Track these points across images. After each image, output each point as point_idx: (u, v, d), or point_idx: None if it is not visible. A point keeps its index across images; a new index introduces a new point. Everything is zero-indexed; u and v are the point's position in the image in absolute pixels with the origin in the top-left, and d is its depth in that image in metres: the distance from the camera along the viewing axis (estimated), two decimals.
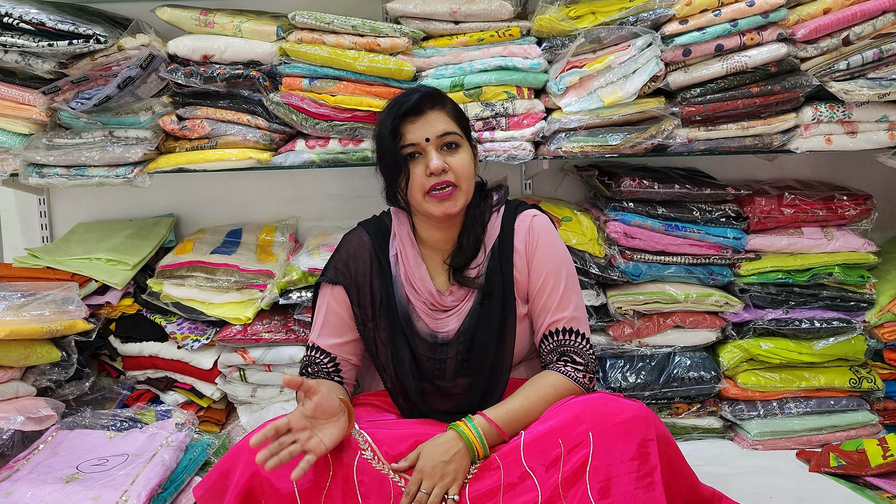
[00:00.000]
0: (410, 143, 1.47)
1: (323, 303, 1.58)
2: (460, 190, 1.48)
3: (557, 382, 1.46)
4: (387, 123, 1.49)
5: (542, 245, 1.54)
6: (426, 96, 1.50)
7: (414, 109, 1.48)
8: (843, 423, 2.04)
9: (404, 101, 1.49)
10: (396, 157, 1.48)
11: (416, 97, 1.49)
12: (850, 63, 1.94)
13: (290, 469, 1.26)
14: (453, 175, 1.47)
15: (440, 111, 1.50)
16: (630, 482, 1.23)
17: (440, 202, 1.47)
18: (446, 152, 1.48)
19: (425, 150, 1.47)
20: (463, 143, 1.51)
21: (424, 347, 1.53)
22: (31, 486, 1.64)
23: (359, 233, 1.63)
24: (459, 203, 1.49)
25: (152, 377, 2.18)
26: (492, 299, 1.52)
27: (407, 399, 1.55)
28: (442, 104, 1.51)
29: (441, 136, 1.47)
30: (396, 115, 1.48)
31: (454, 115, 1.52)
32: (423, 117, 1.48)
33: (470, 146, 1.54)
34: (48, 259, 2.12)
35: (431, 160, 1.45)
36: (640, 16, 1.96)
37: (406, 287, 1.56)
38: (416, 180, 1.48)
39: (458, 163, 1.48)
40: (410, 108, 1.48)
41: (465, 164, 1.49)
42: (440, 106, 1.50)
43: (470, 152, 1.53)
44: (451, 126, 1.49)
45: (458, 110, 1.55)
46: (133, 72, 2.00)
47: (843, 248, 2.09)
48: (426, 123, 1.48)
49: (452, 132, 1.49)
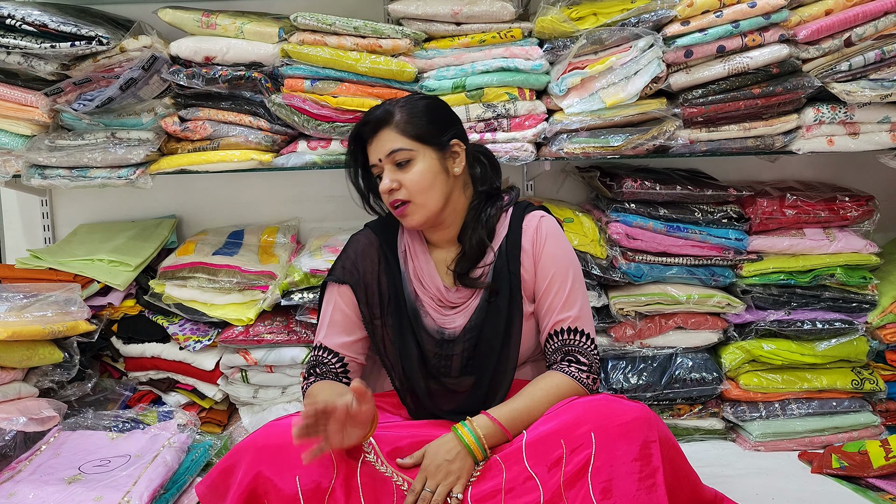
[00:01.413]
0: (373, 165, 1.54)
1: (330, 302, 1.59)
2: (414, 204, 1.51)
3: (561, 383, 1.46)
4: (349, 151, 1.59)
5: (549, 245, 1.55)
6: (375, 120, 1.53)
7: (367, 132, 1.54)
8: (846, 424, 2.03)
9: (357, 129, 1.56)
10: (356, 184, 1.61)
11: (363, 121, 1.55)
12: (851, 64, 1.94)
13: (293, 470, 1.27)
14: (405, 192, 1.50)
15: (388, 129, 1.51)
16: (632, 483, 1.23)
17: (401, 217, 1.54)
18: (399, 169, 1.51)
19: (382, 168, 1.53)
20: (417, 155, 1.50)
21: (431, 343, 1.54)
22: (34, 486, 1.64)
23: (366, 232, 1.65)
24: (416, 216, 1.51)
25: (154, 378, 2.18)
26: (499, 298, 1.53)
27: (415, 398, 1.55)
28: (388, 122, 1.51)
29: (390, 155, 1.50)
30: (353, 140, 1.57)
31: (405, 129, 1.51)
32: (376, 138, 1.53)
33: (438, 150, 1.53)
34: (50, 260, 2.12)
35: (382, 181, 1.52)
36: (642, 17, 1.96)
37: (415, 282, 1.57)
38: (384, 198, 1.55)
39: (409, 178, 1.50)
40: (362, 132, 1.55)
41: (416, 177, 1.50)
42: (386, 124, 1.52)
43: (432, 160, 1.51)
44: (398, 142, 1.50)
45: (413, 120, 1.51)
46: (135, 73, 2.01)
47: (845, 250, 2.09)
48: (378, 144, 1.52)
49: (399, 149, 1.50)
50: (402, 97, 1.58)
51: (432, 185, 1.51)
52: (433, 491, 1.32)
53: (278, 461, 1.28)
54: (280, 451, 1.29)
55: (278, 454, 1.29)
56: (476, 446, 1.37)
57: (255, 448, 1.30)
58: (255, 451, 1.30)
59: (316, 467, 1.28)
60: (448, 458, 1.35)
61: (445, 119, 1.57)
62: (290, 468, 1.27)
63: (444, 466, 1.34)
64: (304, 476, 1.27)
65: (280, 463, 1.28)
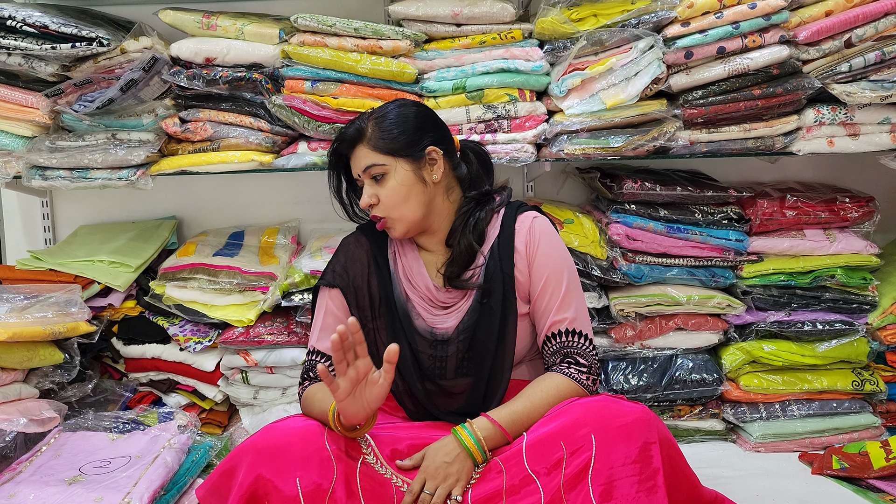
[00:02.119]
0: (357, 177, 1.57)
1: (321, 306, 1.59)
2: (391, 219, 1.53)
3: (561, 384, 1.46)
4: (328, 166, 1.61)
5: (543, 246, 1.54)
6: (348, 139, 1.54)
7: (346, 148, 1.56)
8: (846, 425, 2.03)
9: (334, 147, 1.58)
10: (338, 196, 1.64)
11: (340, 139, 1.56)
12: (852, 65, 1.94)
13: (294, 471, 1.27)
14: (381, 207, 1.52)
15: (361, 146, 1.53)
16: (632, 485, 1.23)
17: (385, 230, 1.56)
18: (376, 183, 1.53)
19: (363, 182, 1.55)
20: (391, 168, 1.51)
21: (425, 345, 1.54)
22: (34, 487, 1.64)
23: (356, 236, 1.65)
24: (397, 229, 1.54)
25: (154, 379, 2.18)
26: (492, 298, 1.53)
27: (413, 399, 1.55)
28: (360, 138, 1.53)
29: (365, 171, 1.53)
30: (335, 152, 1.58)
31: (377, 143, 1.51)
32: (354, 154, 1.55)
33: (414, 160, 1.52)
34: (51, 261, 2.12)
35: (362, 197, 1.54)
36: (642, 18, 1.96)
37: (404, 283, 1.57)
38: None
39: (384, 193, 1.52)
40: (340, 149, 1.57)
41: (390, 192, 1.51)
42: (359, 140, 1.53)
43: (406, 172, 1.51)
44: (370, 158, 1.51)
45: (384, 133, 1.51)
46: (136, 74, 2.01)
47: (845, 251, 2.09)
48: (355, 160, 1.55)
49: (372, 164, 1.51)
50: (376, 108, 1.58)
51: (407, 198, 1.52)
52: (432, 493, 1.32)
53: (279, 463, 1.29)
54: (280, 453, 1.29)
55: (279, 456, 1.29)
56: (476, 448, 1.36)
57: (256, 450, 1.30)
58: (256, 453, 1.30)
59: (316, 468, 1.28)
60: (447, 459, 1.35)
61: (419, 128, 1.54)
62: (291, 470, 1.27)
63: (443, 468, 1.34)
64: (305, 477, 1.27)
65: (280, 465, 1.28)
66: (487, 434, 1.38)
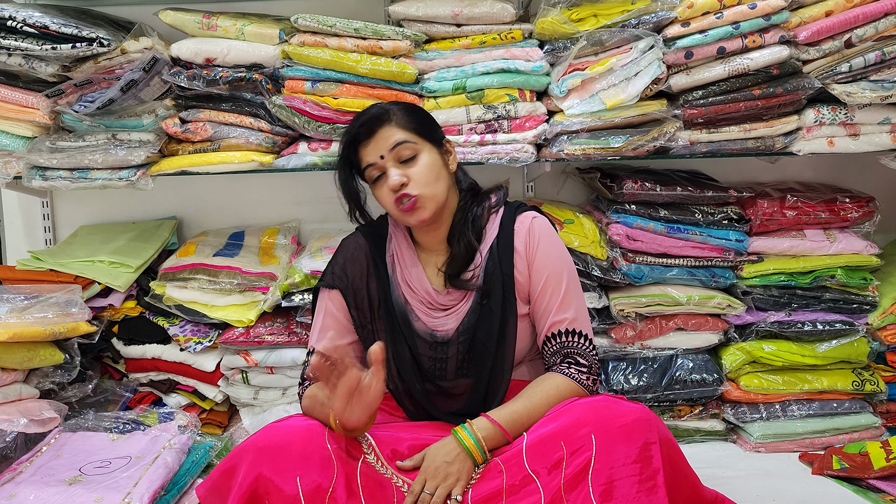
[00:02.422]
0: (370, 165, 1.51)
1: (321, 307, 1.59)
2: (424, 197, 1.49)
3: (561, 384, 1.46)
4: (342, 154, 1.56)
5: (542, 247, 1.54)
6: (372, 117, 1.52)
7: (364, 133, 1.52)
8: (846, 425, 2.03)
9: (353, 128, 1.53)
10: (348, 187, 1.56)
11: (360, 122, 1.52)
12: (852, 65, 1.94)
13: (294, 471, 1.27)
14: (414, 185, 1.49)
15: (388, 126, 1.51)
16: (632, 485, 1.23)
17: (410, 213, 1.50)
18: (405, 165, 1.50)
19: (384, 167, 1.50)
20: (421, 149, 1.51)
21: (425, 347, 1.54)
22: (35, 488, 1.64)
23: (355, 237, 1.64)
24: (428, 209, 1.50)
25: (155, 379, 2.18)
26: (491, 299, 1.52)
27: (413, 400, 1.55)
28: (388, 119, 1.52)
29: (393, 149, 1.49)
30: (347, 143, 1.54)
31: (405, 124, 1.52)
32: (374, 137, 1.51)
33: (437, 148, 1.54)
34: (51, 261, 2.12)
35: (390, 178, 1.49)
36: (642, 18, 1.96)
37: (403, 287, 1.57)
38: (385, 199, 1.51)
39: (416, 171, 1.49)
40: (359, 133, 1.52)
41: (423, 170, 1.50)
42: (387, 121, 1.51)
43: (434, 154, 1.53)
44: (402, 136, 1.50)
45: (412, 117, 1.53)
46: (136, 75, 2.01)
47: (845, 251, 2.09)
48: (378, 142, 1.50)
49: (404, 141, 1.50)
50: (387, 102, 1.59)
51: (438, 178, 1.52)
52: (432, 493, 1.32)
53: (279, 462, 1.29)
54: (281, 453, 1.30)
55: (279, 455, 1.29)
56: (475, 448, 1.36)
57: (256, 449, 1.30)
58: (256, 453, 1.30)
59: (316, 468, 1.28)
60: (447, 459, 1.35)
61: (434, 120, 1.60)
62: (291, 469, 1.28)
63: (443, 468, 1.34)
64: (305, 477, 1.27)
65: (281, 464, 1.29)
66: (487, 434, 1.38)
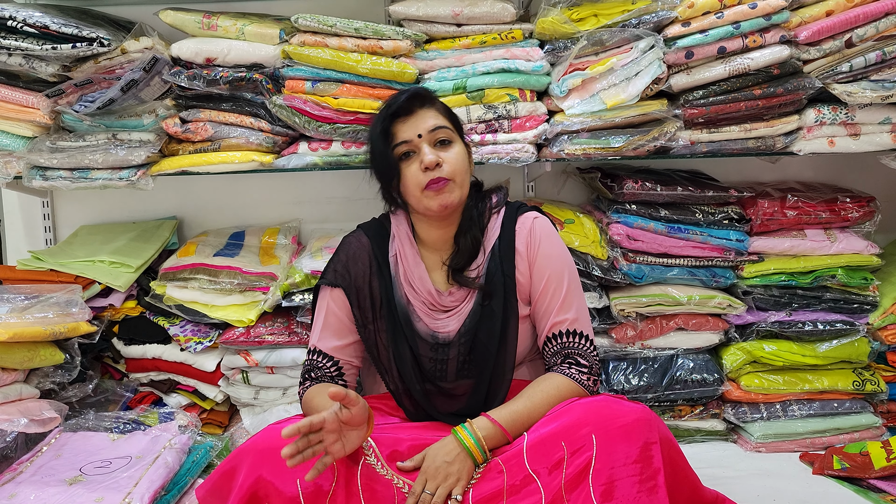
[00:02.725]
0: (403, 141, 1.50)
1: (323, 306, 1.58)
2: (454, 183, 1.50)
3: (561, 384, 1.46)
4: (377, 126, 1.53)
5: (543, 247, 1.54)
6: (414, 96, 1.53)
7: (404, 109, 1.52)
8: (847, 425, 2.03)
9: (393, 102, 1.53)
10: (388, 159, 1.51)
11: (404, 97, 1.53)
12: (852, 65, 1.94)
13: (294, 472, 1.27)
14: (447, 168, 1.49)
15: (430, 108, 1.53)
16: (633, 485, 1.23)
17: (437, 194, 1.49)
18: (439, 148, 1.51)
19: (418, 146, 1.50)
20: (455, 140, 1.54)
21: (426, 348, 1.53)
22: (35, 488, 1.64)
23: (357, 235, 1.64)
24: (455, 194, 1.50)
25: (155, 379, 2.18)
26: (493, 300, 1.52)
27: (412, 401, 1.55)
28: (431, 102, 1.55)
29: (432, 132, 1.50)
30: (386, 116, 1.52)
31: (444, 113, 1.56)
32: (413, 116, 1.52)
33: (464, 144, 1.57)
34: (51, 261, 2.12)
35: (425, 155, 1.48)
36: (643, 18, 1.96)
37: (405, 287, 1.56)
38: (412, 177, 1.50)
39: (450, 157, 1.50)
40: (400, 107, 1.52)
41: (458, 158, 1.52)
42: (429, 104, 1.54)
43: (463, 149, 1.56)
44: (441, 121, 1.53)
45: (448, 109, 1.59)
46: (136, 75, 2.01)
47: (846, 251, 2.09)
48: (417, 121, 1.51)
49: (443, 126, 1.52)
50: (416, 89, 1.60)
51: (466, 169, 1.55)
52: (433, 493, 1.32)
53: (279, 464, 1.28)
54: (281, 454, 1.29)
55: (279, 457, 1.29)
56: (476, 448, 1.36)
57: (256, 451, 1.30)
58: (256, 454, 1.30)
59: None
60: (447, 459, 1.35)
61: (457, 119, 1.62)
62: (292, 471, 1.27)
63: (443, 468, 1.34)
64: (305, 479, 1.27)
65: (281, 466, 1.28)
66: (487, 433, 1.38)
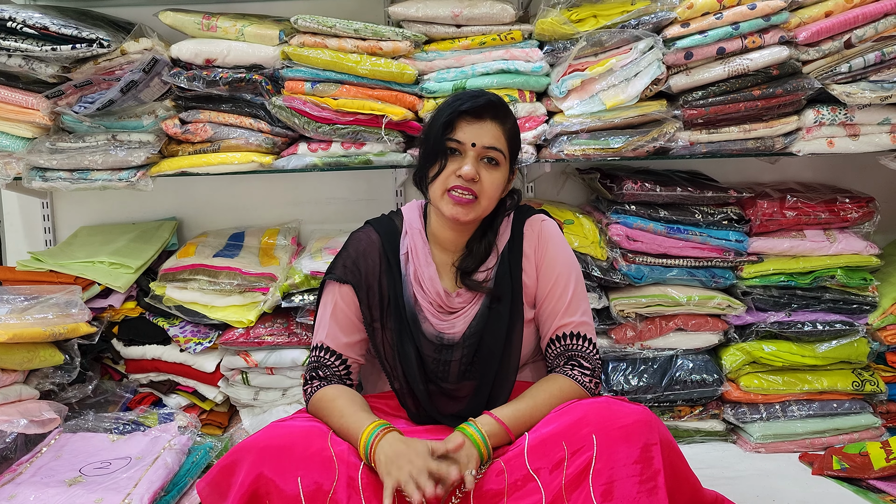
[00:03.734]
0: (456, 140, 1.47)
1: (330, 301, 1.56)
2: (479, 204, 1.48)
3: (564, 385, 1.46)
4: (444, 113, 1.48)
5: (551, 250, 1.55)
6: (490, 104, 1.48)
7: (475, 111, 1.47)
8: (846, 425, 2.03)
9: (468, 98, 1.48)
10: (438, 147, 1.47)
11: (482, 100, 1.48)
12: (851, 66, 1.94)
13: (295, 471, 1.27)
14: (479, 188, 1.47)
15: (498, 125, 1.48)
16: (633, 486, 1.23)
17: (455, 205, 1.47)
18: (484, 165, 1.48)
19: (466, 152, 1.47)
20: (503, 165, 1.50)
21: (430, 349, 1.53)
22: (35, 489, 1.64)
23: (367, 231, 1.62)
24: (472, 214, 1.48)
25: (155, 380, 2.18)
26: (500, 304, 1.52)
27: (415, 401, 1.54)
28: (504, 119, 1.49)
29: (487, 149, 1.47)
30: (456, 109, 1.47)
31: (508, 135, 1.50)
32: (480, 122, 1.47)
33: (509, 169, 1.53)
34: (51, 262, 2.12)
35: (466, 165, 1.45)
36: (642, 19, 1.96)
37: (414, 286, 1.55)
38: (444, 176, 1.47)
39: (489, 179, 1.47)
40: (472, 107, 1.46)
41: (495, 183, 1.49)
42: (501, 120, 1.49)
43: (506, 175, 1.52)
44: (500, 143, 1.48)
45: (514, 132, 1.52)
46: (136, 76, 2.01)
47: (845, 251, 2.09)
48: (480, 129, 1.47)
49: (498, 149, 1.47)
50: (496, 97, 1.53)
51: (496, 196, 1.51)
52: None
53: (280, 462, 1.28)
54: (282, 453, 1.29)
55: (280, 455, 1.29)
56: (482, 443, 1.35)
57: (258, 449, 1.30)
58: (258, 452, 1.30)
59: (317, 469, 1.28)
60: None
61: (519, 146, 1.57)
62: (292, 469, 1.27)
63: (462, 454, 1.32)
64: (306, 477, 1.27)
65: (282, 464, 1.28)
66: (491, 430, 1.37)
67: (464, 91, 1.52)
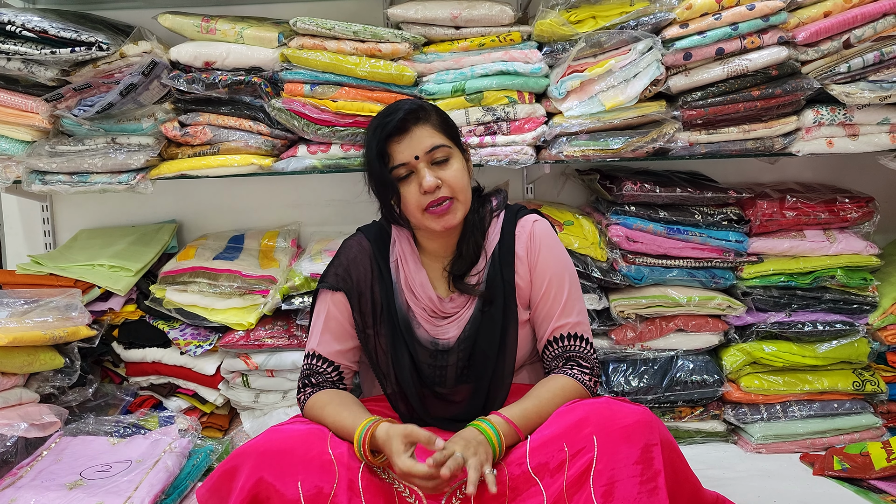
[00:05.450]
0: (401, 164, 1.46)
1: (323, 309, 1.57)
2: (458, 202, 1.48)
3: (566, 385, 1.46)
4: (373, 147, 1.47)
5: (544, 251, 1.54)
6: (409, 113, 1.46)
7: (398, 129, 1.46)
8: (847, 426, 2.03)
9: (387, 122, 1.46)
10: (385, 180, 1.47)
11: (398, 116, 1.46)
12: (850, 66, 1.94)
13: (296, 475, 1.27)
14: (448, 189, 1.46)
15: (424, 125, 1.47)
16: (634, 486, 1.23)
17: (439, 217, 1.47)
18: (437, 167, 1.47)
19: (416, 168, 1.46)
20: (454, 154, 1.49)
21: (425, 354, 1.53)
22: (35, 492, 1.64)
23: (359, 238, 1.63)
24: (458, 215, 1.48)
25: (155, 383, 2.18)
26: (493, 306, 1.52)
27: (407, 405, 1.54)
28: (426, 118, 1.48)
29: (430, 152, 1.46)
30: (381, 137, 1.46)
31: (441, 127, 1.49)
32: (408, 135, 1.46)
33: (462, 154, 1.53)
34: (51, 266, 2.12)
35: (424, 178, 1.44)
36: (641, 20, 1.96)
37: (406, 293, 1.56)
38: (412, 199, 1.47)
39: (451, 175, 1.46)
40: (394, 128, 1.45)
41: (458, 175, 1.47)
42: (424, 120, 1.47)
43: (462, 161, 1.51)
44: (438, 139, 1.47)
45: (444, 120, 1.52)
46: (135, 79, 2.01)
47: (845, 251, 2.09)
48: (412, 141, 1.46)
49: (441, 145, 1.46)
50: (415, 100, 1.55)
51: (467, 184, 1.51)
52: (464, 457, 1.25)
53: (281, 466, 1.29)
54: (282, 457, 1.29)
55: (281, 459, 1.29)
56: (496, 440, 1.33)
57: (258, 453, 1.30)
58: (258, 456, 1.30)
59: (318, 473, 1.28)
60: (478, 439, 1.31)
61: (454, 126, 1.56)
62: (293, 473, 1.28)
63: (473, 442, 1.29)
64: (307, 481, 1.27)
65: (282, 468, 1.28)
66: (503, 430, 1.36)
67: (378, 114, 1.50)
